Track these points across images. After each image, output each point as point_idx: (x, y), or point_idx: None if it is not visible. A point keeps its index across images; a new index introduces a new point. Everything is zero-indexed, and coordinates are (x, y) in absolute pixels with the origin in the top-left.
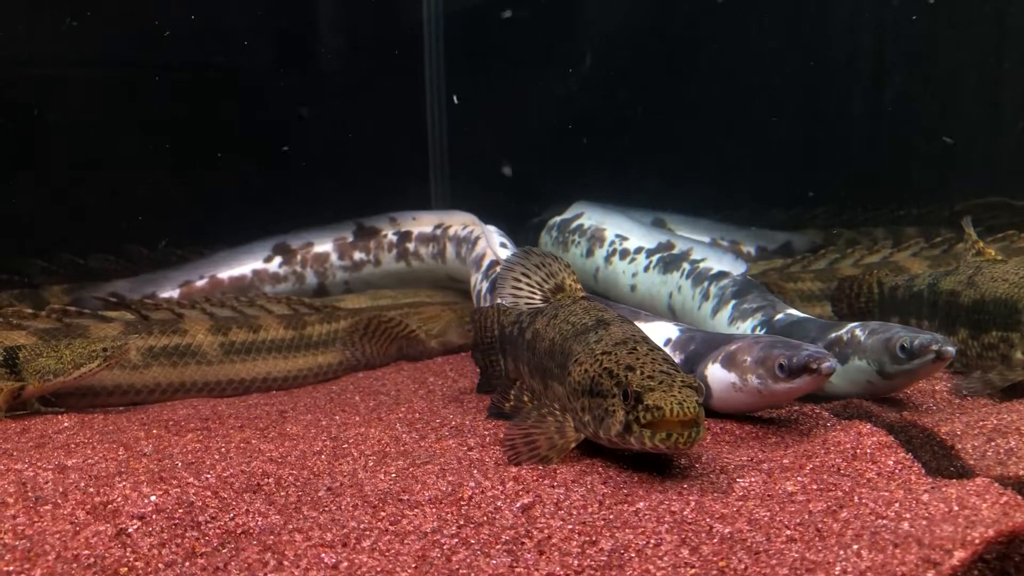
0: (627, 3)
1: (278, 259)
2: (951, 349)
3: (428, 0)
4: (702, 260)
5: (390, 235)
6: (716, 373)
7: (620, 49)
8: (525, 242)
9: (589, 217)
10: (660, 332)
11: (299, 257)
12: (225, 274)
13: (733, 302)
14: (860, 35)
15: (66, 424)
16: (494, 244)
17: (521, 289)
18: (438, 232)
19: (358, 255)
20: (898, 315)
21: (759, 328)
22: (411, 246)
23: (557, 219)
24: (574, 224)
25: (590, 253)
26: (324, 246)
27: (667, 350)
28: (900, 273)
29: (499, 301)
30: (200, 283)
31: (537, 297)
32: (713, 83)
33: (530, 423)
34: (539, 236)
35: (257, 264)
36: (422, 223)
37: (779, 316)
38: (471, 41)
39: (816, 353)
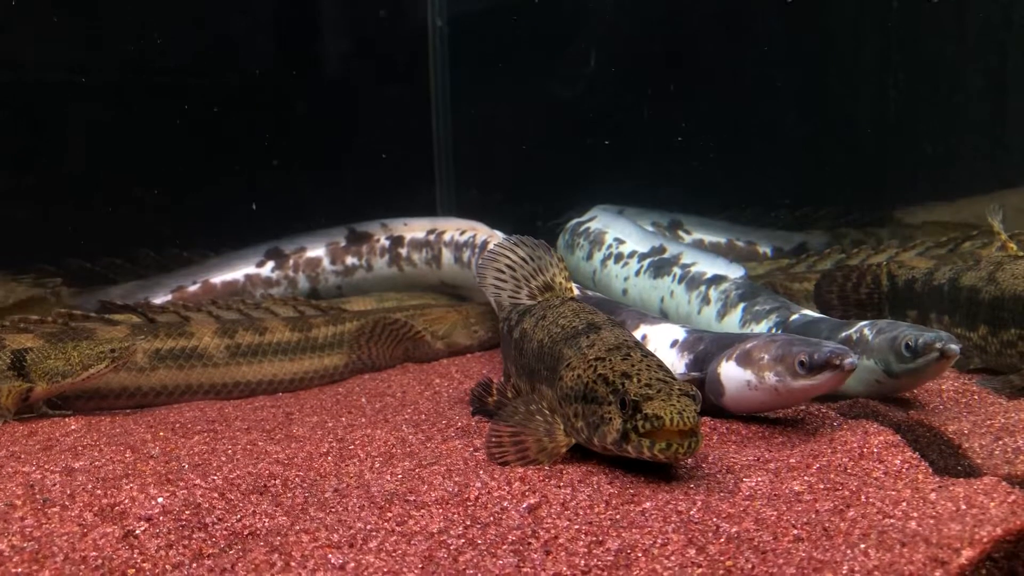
0: (634, 6)
1: (271, 263)
2: (955, 347)
3: (433, 4)
4: (693, 264)
5: (382, 240)
6: (730, 371)
7: (628, 51)
8: None
9: (598, 220)
10: (667, 334)
11: (292, 262)
12: (218, 279)
13: (742, 305)
14: (864, 36)
15: (73, 427)
16: None
17: (505, 282)
18: (431, 237)
19: (350, 260)
20: (915, 309)
21: (775, 330)
22: (403, 251)
23: (573, 222)
24: (582, 227)
25: (590, 256)
26: (317, 251)
27: (675, 351)
28: (910, 268)
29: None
30: (193, 288)
31: (522, 293)
32: (720, 84)
33: (517, 421)
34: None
35: (250, 269)
36: (414, 228)
37: (795, 316)
38: (477, 45)
39: (837, 349)
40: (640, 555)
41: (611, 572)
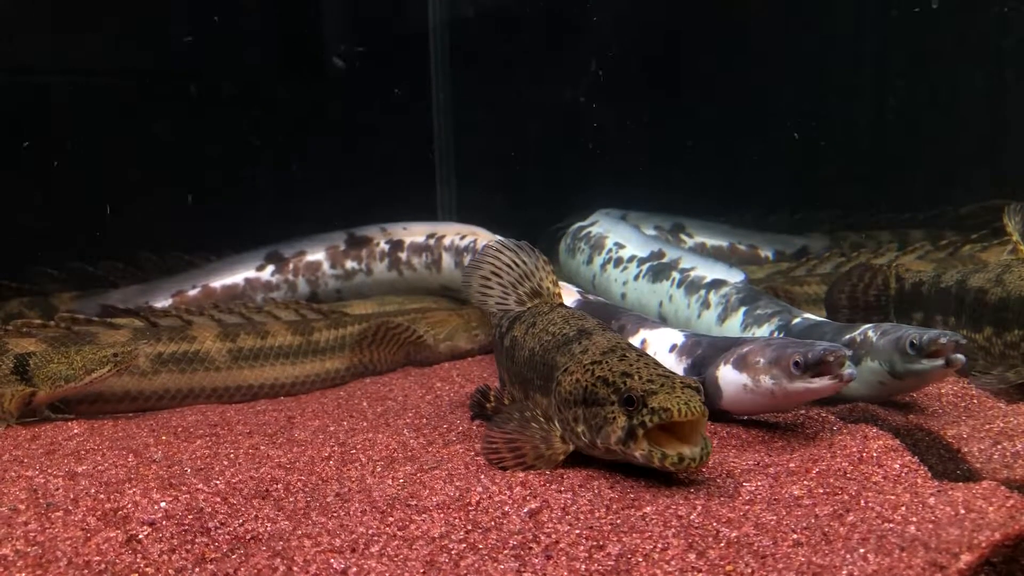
0: (634, 10)
1: (270, 268)
2: (961, 357)
3: (434, 5)
4: (692, 269)
5: (382, 244)
6: (727, 375)
7: (628, 54)
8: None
9: (600, 225)
10: (666, 338)
11: (291, 266)
12: (217, 283)
13: (743, 309)
14: (864, 38)
15: (76, 431)
16: None
17: (491, 289)
18: (431, 242)
19: (350, 264)
20: (922, 311)
21: (777, 333)
22: (403, 255)
23: (575, 226)
24: (584, 231)
25: (590, 260)
26: (316, 255)
27: (673, 356)
28: (918, 271)
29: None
30: (192, 292)
31: (510, 299)
32: (719, 88)
33: (513, 426)
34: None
35: (250, 273)
36: (414, 233)
37: (797, 320)
38: (478, 46)
39: (831, 347)
40: (640, 560)
41: None
